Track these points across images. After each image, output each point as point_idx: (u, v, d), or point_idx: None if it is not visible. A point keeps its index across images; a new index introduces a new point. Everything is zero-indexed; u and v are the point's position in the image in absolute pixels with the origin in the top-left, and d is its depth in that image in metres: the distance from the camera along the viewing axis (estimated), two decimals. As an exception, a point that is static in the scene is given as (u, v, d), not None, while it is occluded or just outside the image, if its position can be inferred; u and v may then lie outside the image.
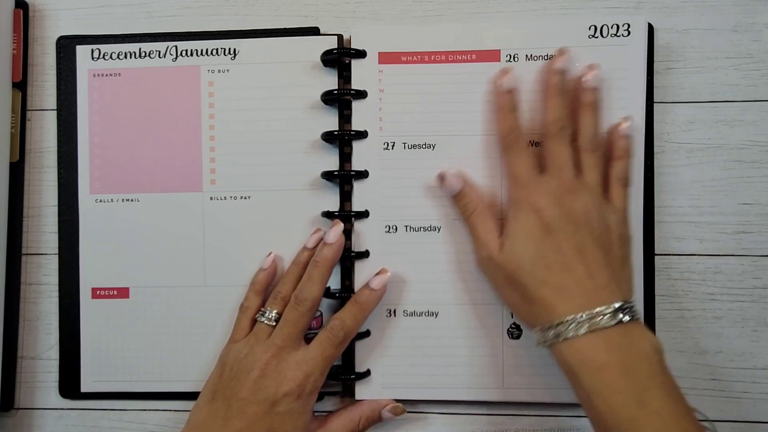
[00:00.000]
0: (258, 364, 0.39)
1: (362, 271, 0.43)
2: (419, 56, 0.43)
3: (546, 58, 0.43)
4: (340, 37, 0.44)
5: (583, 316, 0.35)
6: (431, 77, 0.43)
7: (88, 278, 0.45)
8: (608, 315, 0.35)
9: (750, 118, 0.44)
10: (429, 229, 0.43)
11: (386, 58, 0.43)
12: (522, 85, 0.43)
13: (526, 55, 0.43)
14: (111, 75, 0.45)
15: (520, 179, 0.39)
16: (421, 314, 0.43)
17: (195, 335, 0.45)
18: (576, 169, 0.39)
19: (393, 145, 0.43)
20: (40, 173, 0.46)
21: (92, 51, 0.45)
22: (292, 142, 0.44)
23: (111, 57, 0.45)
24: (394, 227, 0.43)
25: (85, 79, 0.45)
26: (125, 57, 0.45)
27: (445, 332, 0.43)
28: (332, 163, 0.44)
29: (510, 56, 0.43)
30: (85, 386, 0.45)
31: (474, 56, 0.43)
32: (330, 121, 0.44)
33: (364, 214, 0.43)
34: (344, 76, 0.44)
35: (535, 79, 0.43)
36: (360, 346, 0.43)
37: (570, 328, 0.35)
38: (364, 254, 0.43)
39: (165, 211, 0.45)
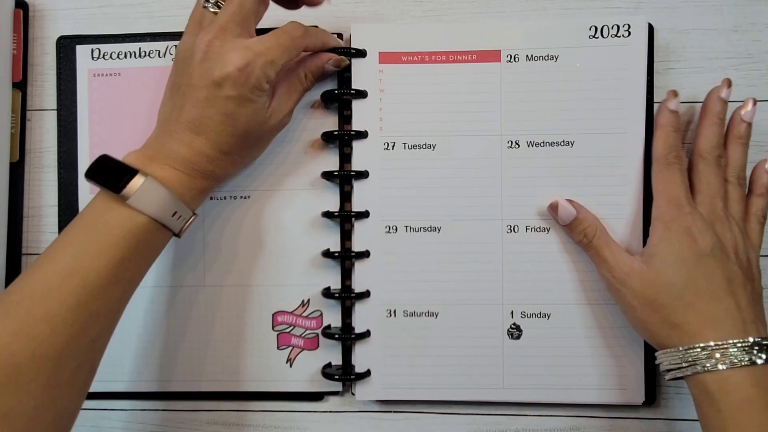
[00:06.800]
0: (200, 46, 0.36)
1: (362, 271, 0.43)
2: (419, 56, 0.43)
3: (546, 58, 0.43)
4: (340, 36, 0.44)
5: (736, 345, 0.35)
6: (431, 77, 0.43)
7: (88, 278, 0.45)
8: (759, 348, 0.35)
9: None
10: (429, 229, 0.43)
11: (386, 58, 0.43)
12: (522, 85, 0.43)
13: (527, 55, 0.43)
14: (111, 75, 0.45)
15: (676, 200, 0.39)
16: (421, 314, 0.43)
17: (195, 335, 0.45)
18: (722, 200, 0.39)
19: (393, 145, 0.43)
20: (40, 173, 0.46)
21: (92, 51, 0.45)
22: (292, 142, 0.44)
23: (111, 57, 0.45)
24: (394, 227, 0.43)
25: (85, 79, 0.45)
26: (125, 57, 0.45)
27: (445, 332, 0.43)
28: (332, 163, 0.44)
29: (510, 56, 0.43)
30: (85, 386, 0.45)
31: (474, 56, 0.43)
32: (330, 121, 0.44)
33: (364, 214, 0.43)
34: (344, 76, 0.44)
35: (535, 79, 0.43)
36: (360, 346, 0.43)
37: (717, 356, 0.35)
38: (364, 254, 0.43)
39: (165, 211, 0.45)
